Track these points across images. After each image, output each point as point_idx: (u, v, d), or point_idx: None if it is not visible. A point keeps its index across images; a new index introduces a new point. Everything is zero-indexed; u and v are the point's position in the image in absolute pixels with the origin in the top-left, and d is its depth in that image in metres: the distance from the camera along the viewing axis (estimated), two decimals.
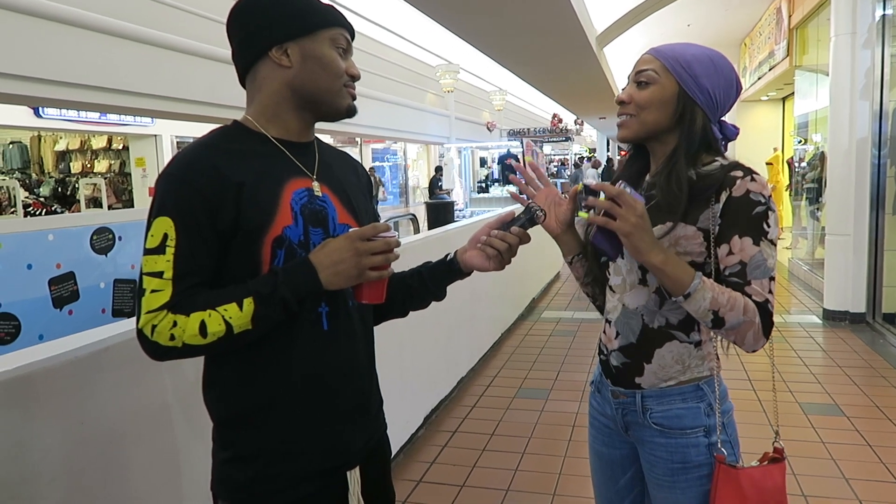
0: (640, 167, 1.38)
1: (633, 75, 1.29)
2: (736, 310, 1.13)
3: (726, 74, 1.25)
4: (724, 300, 1.13)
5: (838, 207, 5.58)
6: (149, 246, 1.03)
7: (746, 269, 1.16)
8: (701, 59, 1.24)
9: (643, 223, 1.12)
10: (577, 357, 4.74)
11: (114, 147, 12.15)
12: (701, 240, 1.20)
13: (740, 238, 1.16)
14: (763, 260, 1.16)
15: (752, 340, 1.16)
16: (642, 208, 1.13)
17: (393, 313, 1.34)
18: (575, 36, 6.37)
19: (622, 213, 1.11)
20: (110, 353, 1.43)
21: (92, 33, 5.51)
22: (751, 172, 1.19)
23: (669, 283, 1.16)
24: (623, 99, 1.29)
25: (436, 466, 3.08)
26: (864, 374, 4.18)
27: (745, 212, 1.16)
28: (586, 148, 29.98)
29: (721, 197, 1.18)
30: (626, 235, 1.12)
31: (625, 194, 1.12)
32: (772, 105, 13.00)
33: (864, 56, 5.35)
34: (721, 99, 1.25)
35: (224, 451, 1.14)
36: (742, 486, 1.20)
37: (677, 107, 1.24)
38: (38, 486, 1.26)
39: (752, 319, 1.14)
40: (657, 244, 1.15)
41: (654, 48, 1.29)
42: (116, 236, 4.48)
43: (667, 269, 1.14)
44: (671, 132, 1.27)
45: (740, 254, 1.16)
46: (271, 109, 1.15)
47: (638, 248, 1.13)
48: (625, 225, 1.11)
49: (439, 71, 13.10)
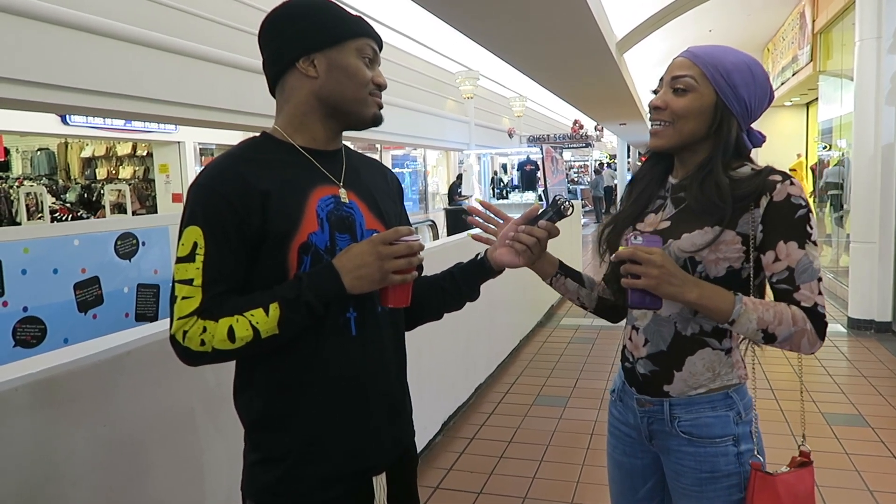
0: (663, 168, 1.35)
1: (669, 79, 1.25)
2: (785, 323, 1.12)
3: (762, 83, 1.22)
4: (770, 317, 1.12)
5: (863, 214, 5.49)
6: (180, 254, 1.06)
7: (794, 275, 1.14)
8: (740, 67, 1.21)
9: (667, 269, 1.11)
10: (596, 365, 4.71)
11: (138, 154, 12.35)
12: (740, 244, 1.18)
13: (785, 243, 1.15)
14: (809, 263, 1.14)
15: (808, 345, 1.15)
16: (660, 255, 1.12)
17: (427, 316, 1.35)
18: (594, 42, 6.36)
19: (642, 271, 1.11)
20: (133, 357, 1.46)
21: (118, 42, 5.61)
22: (788, 176, 1.17)
23: (711, 314, 1.15)
24: (658, 105, 1.25)
25: (453, 473, 3.08)
26: (889, 385, 4.10)
27: (788, 216, 1.15)
28: (606, 154, 29.83)
29: (762, 202, 1.16)
30: (654, 288, 1.12)
31: (637, 252, 1.12)
32: (795, 110, 12.85)
33: (889, 61, 5.27)
34: (755, 108, 1.23)
35: (253, 453, 1.16)
36: (779, 493, 1.19)
37: (714, 117, 1.22)
38: (62, 487, 1.29)
39: (802, 328, 1.13)
40: (687, 281, 1.13)
41: (691, 51, 1.25)
42: (140, 241, 4.55)
43: (705, 303, 1.13)
44: (704, 140, 1.25)
45: (787, 259, 1.15)
46: (298, 119, 1.17)
47: (670, 294, 1.13)
48: (650, 280, 1.11)
49: (459, 77, 13.13)
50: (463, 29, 5.72)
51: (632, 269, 1.12)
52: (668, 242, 1.22)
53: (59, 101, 5.20)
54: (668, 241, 1.22)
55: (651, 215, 1.31)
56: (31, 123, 9.10)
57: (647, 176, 1.37)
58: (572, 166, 25.89)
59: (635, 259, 1.12)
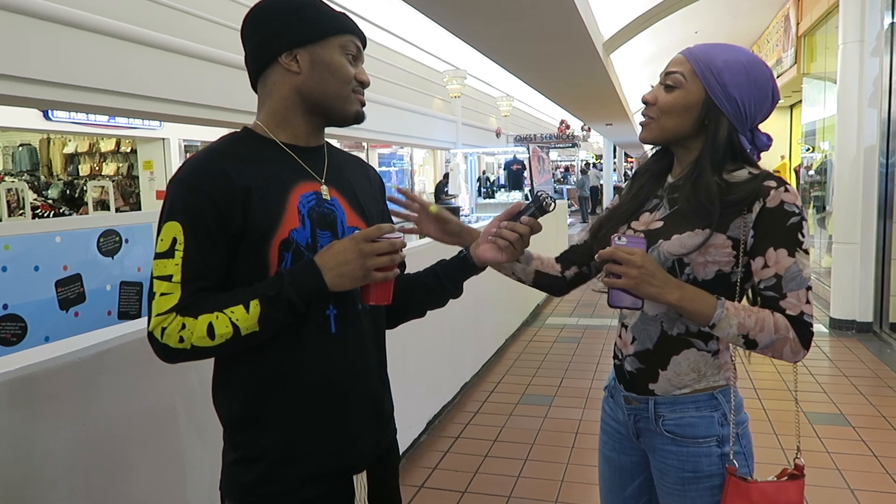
0: (664, 165, 1.36)
1: (663, 76, 1.26)
2: (766, 330, 1.12)
3: (760, 84, 1.20)
4: (751, 323, 1.12)
5: (845, 216, 5.55)
6: (159, 250, 1.05)
7: (782, 282, 1.14)
8: (733, 66, 1.19)
9: (647, 269, 1.12)
10: (582, 364, 4.72)
11: (122, 150, 12.21)
12: (730, 248, 1.18)
13: (775, 250, 1.14)
14: (799, 271, 1.14)
15: (791, 354, 1.14)
16: (641, 255, 1.13)
17: (411, 313, 1.35)
18: (582, 42, 6.38)
19: (622, 270, 1.13)
20: (114, 355, 1.44)
21: (102, 37, 5.54)
22: (784, 183, 1.17)
23: (692, 317, 1.16)
24: (647, 99, 1.27)
25: (438, 472, 3.07)
26: (870, 384, 4.15)
27: (780, 223, 1.14)
28: (593, 154, 29.94)
29: (754, 207, 1.16)
30: (634, 288, 1.13)
31: (617, 252, 1.13)
32: (779, 112, 12.98)
33: (872, 64, 5.33)
34: (751, 110, 1.21)
35: (232, 453, 1.14)
36: (752, 501, 1.17)
37: (700, 114, 1.22)
38: (40, 488, 1.27)
39: (785, 335, 1.13)
40: (668, 283, 1.14)
41: (688, 49, 1.25)
42: (123, 239, 4.51)
43: (686, 305, 1.14)
44: (695, 138, 1.25)
45: (776, 266, 1.15)
46: (281, 114, 1.16)
47: (650, 295, 1.14)
48: (629, 280, 1.13)
49: (446, 76, 13.10)
50: (450, 28, 5.72)
51: (613, 269, 1.14)
52: (657, 243, 1.22)
53: (41, 97, 5.12)
54: (658, 241, 1.23)
55: (646, 214, 1.32)
56: (12, 119, 8.97)
57: (649, 171, 1.37)
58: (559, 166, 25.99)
59: (616, 259, 1.13)
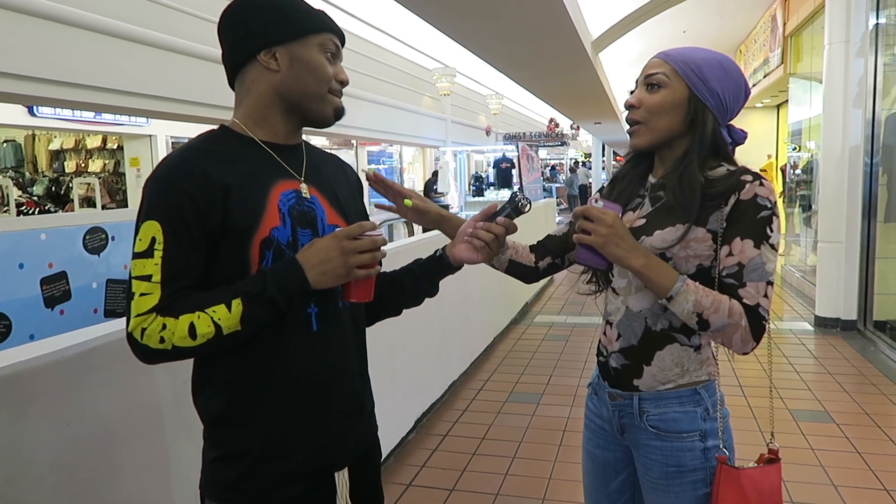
0: (643, 169, 1.37)
1: (643, 78, 1.28)
2: (720, 312, 1.14)
3: (735, 78, 1.25)
4: (707, 303, 1.14)
5: (830, 215, 5.61)
6: (137, 250, 1.03)
7: (743, 271, 1.16)
8: (710, 62, 1.24)
9: (616, 231, 1.15)
10: (570, 362, 4.75)
11: (108, 147, 12.09)
12: (710, 242, 1.20)
13: (742, 240, 1.17)
14: (762, 263, 1.16)
15: (740, 343, 1.16)
16: (613, 217, 1.16)
17: (387, 312, 1.35)
18: (570, 41, 6.38)
19: (592, 227, 1.16)
20: (98, 354, 1.43)
21: (88, 33, 5.49)
22: (760, 177, 1.20)
23: (652, 286, 1.18)
24: (632, 103, 1.28)
25: (426, 470, 3.08)
26: (854, 382, 4.20)
27: (750, 215, 1.17)
28: (581, 153, 30.03)
29: (730, 200, 1.18)
30: (601, 246, 1.16)
31: (590, 209, 1.16)
32: (766, 112, 13.09)
33: (857, 64, 5.38)
34: (730, 103, 1.25)
35: (213, 451, 1.14)
36: (744, 488, 1.21)
37: (688, 111, 1.24)
38: (24, 487, 1.26)
39: (737, 322, 1.14)
40: (636, 249, 1.17)
41: (663, 52, 1.28)
42: (109, 236, 4.47)
43: (648, 273, 1.16)
44: (682, 137, 1.27)
45: (739, 255, 1.17)
46: (259, 112, 1.16)
47: (616, 256, 1.16)
48: (597, 238, 1.15)
49: (436, 74, 13.10)
50: (439, 25, 5.71)
51: (584, 226, 1.17)
52: (640, 240, 1.24)
53: (25, 92, 5.07)
54: (641, 238, 1.24)
55: (629, 213, 1.33)
56: None
57: (627, 176, 1.39)
58: (548, 164, 26.04)
59: (588, 216, 1.16)
